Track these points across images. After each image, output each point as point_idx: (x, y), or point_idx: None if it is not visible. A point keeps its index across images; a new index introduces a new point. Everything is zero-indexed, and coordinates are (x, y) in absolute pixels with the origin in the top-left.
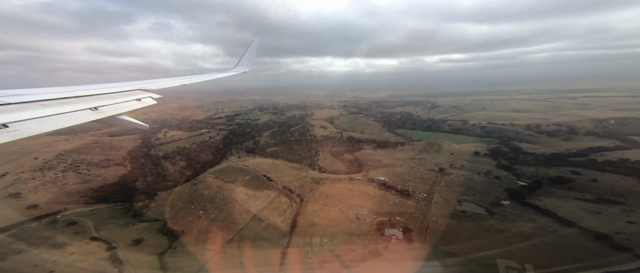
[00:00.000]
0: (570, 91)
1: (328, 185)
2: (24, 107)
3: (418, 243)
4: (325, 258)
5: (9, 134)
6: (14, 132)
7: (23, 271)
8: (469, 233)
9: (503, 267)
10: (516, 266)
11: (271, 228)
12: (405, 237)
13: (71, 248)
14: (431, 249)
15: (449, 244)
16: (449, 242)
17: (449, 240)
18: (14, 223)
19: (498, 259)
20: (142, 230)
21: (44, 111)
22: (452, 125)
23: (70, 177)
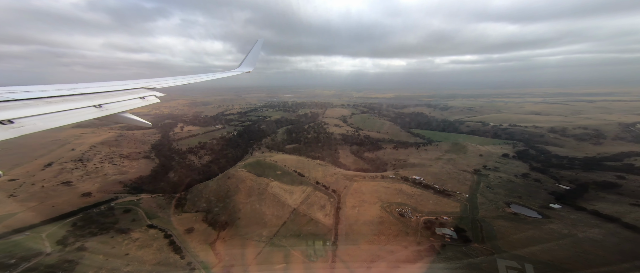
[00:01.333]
0: (583, 95)
1: (361, 182)
2: (30, 104)
3: (477, 244)
4: (378, 254)
5: (14, 130)
6: (19, 128)
7: (104, 251)
8: (530, 236)
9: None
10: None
11: (314, 223)
12: (460, 237)
13: (134, 234)
14: (493, 251)
15: (515, 247)
16: (514, 245)
17: (511, 242)
18: (78, 208)
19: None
20: (189, 220)
21: (49, 108)
22: (471, 127)
23: (108, 168)
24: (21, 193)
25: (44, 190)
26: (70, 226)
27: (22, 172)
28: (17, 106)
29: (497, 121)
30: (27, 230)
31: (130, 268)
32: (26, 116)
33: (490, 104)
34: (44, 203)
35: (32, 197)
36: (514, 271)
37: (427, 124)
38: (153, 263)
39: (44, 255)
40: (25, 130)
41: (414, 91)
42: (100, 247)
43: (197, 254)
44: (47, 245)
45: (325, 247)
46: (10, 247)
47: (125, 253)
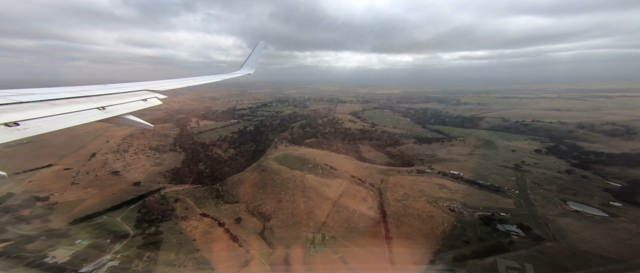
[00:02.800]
0: (599, 91)
1: (396, 177)
2: (35, 106)
3: (551, 243)
4: (438, 247)
5: (20, 132)
6: (25, 130)
7: (176, 235)
8: (605, 234)
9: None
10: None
11: (359, 215)
12: (528, 235)
13: (193, 221)
14: (573, 251)
15: (595, 247)
16: (592, 244)
17: (587, 241)
18: (138, 196)
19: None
20: (233, 210)
21: (53, 110)
22: (491, 122)
23: (144, 159)
24: (81, 181)
25: (98, 178)
26: (137, 212)
27: (71, 162)
28: (23, 108)
29: (515, 116)
30: (102, 214)
31: (201, 253)
32: (31, 118)
33: (503, 100)
34: (104, 190)
35: (91, 185)
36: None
37: (444, 120)
38: (217, 249)
39: (131, 237)
40: (30, 132)
41: (420, 87)
42: (172, 231)
43: (251, 243)
44: (128, 227)
45: (378, 239)
46: (97, 228)
47: (193, 239)
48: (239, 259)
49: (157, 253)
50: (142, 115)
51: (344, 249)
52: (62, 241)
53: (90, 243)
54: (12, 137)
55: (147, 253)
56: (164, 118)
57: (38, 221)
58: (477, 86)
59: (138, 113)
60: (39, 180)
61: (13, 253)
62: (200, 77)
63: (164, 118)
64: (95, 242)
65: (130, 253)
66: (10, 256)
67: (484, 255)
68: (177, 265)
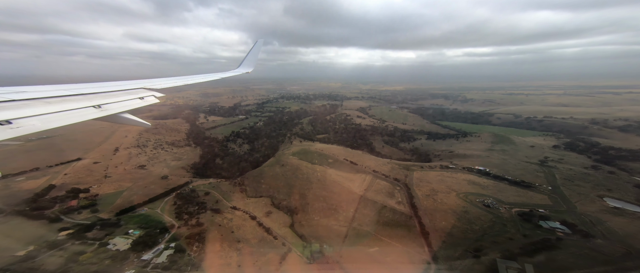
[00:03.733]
0: (604, 87)
1: (420, 172)
2: (28, 104)
3: (602, 241)
4: (481, 243)
5: (12, 131)
6: (17, 128)
7: (217, 227)
8: None
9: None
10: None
11: (389, 210)
12: (575, 232)
13: (226, 214)
14: (629, 249)
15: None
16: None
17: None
18: (169, 189)
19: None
20: (259, 204)
21: (47, 108)
22: (502, 118)
23: (164, 154)
24: (113, 175)
25: (127, 172)
26: (173, 205)
27: (98, 156)
28: (15, 106)
29: (526, 113)
30: (143, 206)
31: (243, 244)
32: (24, 117)
33: (510, 97)
34: (137, 183)
35: (123, 178)
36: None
37: (453, 116)
38: (256, 241)
39: (176, 228)
40: (23, 130)
41: (422, 84)
42: (211, 223)
43: (284, 236)
44: (170, 219)
45: (414, 234)
46: (142, 219)
47: (231, 231)
48: (279, 251)
49: (204, 244)
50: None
51: (379, 243)
52: (115, 230)
53: (141, 233)
54: (5, 136)
55: (196, 244)
56: (172, 114)
57: (87, 211)
58: (480, 82)
59: (135, 111)
60: (74, 173)
61: (78, 240)
62: (198, 75)
63: (172, 114)
64: (146, 232)
65: (181, 243)
66: (75, 243)
67: (533, 252)
68: (224, 256)
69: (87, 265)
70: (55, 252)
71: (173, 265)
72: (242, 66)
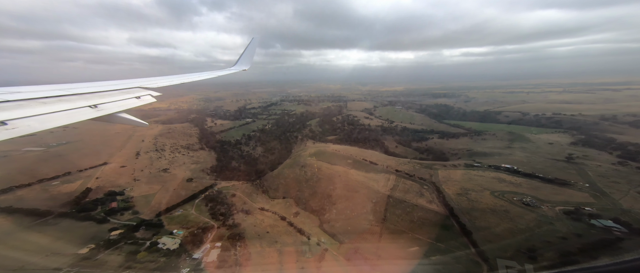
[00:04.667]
0: (601, 85)
1: (444, 171)
2: (23, 104)
3: None
4: (534, 243)
5: (7, 132)
6: (13, 129)
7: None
8: None
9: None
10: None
11: (421, 209)
12: (631, 230)
13: (257, 215)
14: None
15: None
16: None
17: None
18: (198, 191)
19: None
20: (285, 205)
21: (43, 109)
22: (510, 116)
23: (181, 157)
24: (141, 178)
25: (153, 175)
26: (204, 206)
27: (122, 160)
28: (9, 107)
29: (532, 110)
30: (177, 207)
31: (280, 245)
32: (19, 117)
33: (511, 95)
34: (165, 186)
35: (151, 181)
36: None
37: (460, 115)
38: (291, 241)
39: (216, 228)
40: (18, 131)
41: (421, 84)
42: (246, 224)
43: (316, 235)
44: (207, 219)
45: (454, 233)
46: (181, 220)
47: (265, 231)
48: (314, 251)
49: (246, 243)
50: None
51: (418, 242)
52: (160, 230)
53: (185, 233)
54: (0, 137)
55: (237, 243)
56: (179, 118)
57: (128, 212)
58: (477, 82)
59: (132, 110)
60: (104, 177)
61: (128, 240)
62: (193, 73)
63: (179, 118)
64: (189, 232)
65: (224, 243)
66: (128, 242)
67: (595, 253)
68: (267, 256)
69: (146, 263)
70: (112, 250)
71: (224, 263)
72: (238, 64)
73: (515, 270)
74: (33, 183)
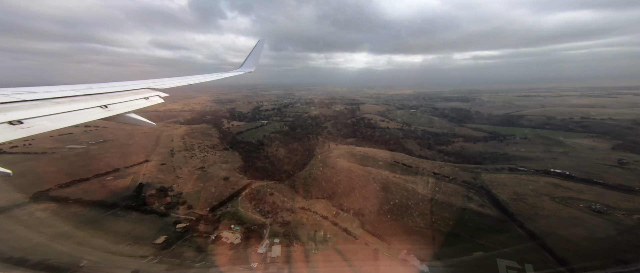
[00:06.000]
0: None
1: (488, 174)
2: (38, 104)
3: None
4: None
5: (23, 131)
6: (28, 128)
7: (302, 223)
8: None
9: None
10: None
11: (473, 213)
12: None
13: (301, 214)
14: None
15: None
16: None
17: None
18: (238, 189)
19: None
20: (322, 205)
21: (56, 109)
22: (534, 120)
23: (211, 157)
24: (182, 175)
25: (191, 173)
26: (248, 203)
27: (160, 158)
28: (26, 106)
29: (557, 114)
30: (225, 204)
31: (333, 244)
32: (35, 117)
33: (527, 99)
34: (207, 183)
35: (191, 179)
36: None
37: (480, 119)
38: (340, 240)
39: (268, 225)
40: (33, 130)
41: (429, 87)
42: (295, 222)
43: (362, 236)
44: (256, 216)
45: (517, 238)
46: (233, 216)
47: (314, 230)
48: (367, 251)
49: (301, 240)
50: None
51: (480, 247)
52: (218, 225)
53: (242, 228)
54: (17, 135)
55: (294, 240)
56: (196, 120)
57: (183, 207)
58: (486, 85)
59: (140, 111)
60: (150, 173)
61: (194, 233)
62: (201, 75)
63: (196, 120)
64: (245, 227)
65: (282, 240)
66: (194, 235)
67: None
68: (324, 253)
69: (217, 256)
70: (182, 242)
71: (288, 259)
72: (244, 66)
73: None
74: (90, 177)
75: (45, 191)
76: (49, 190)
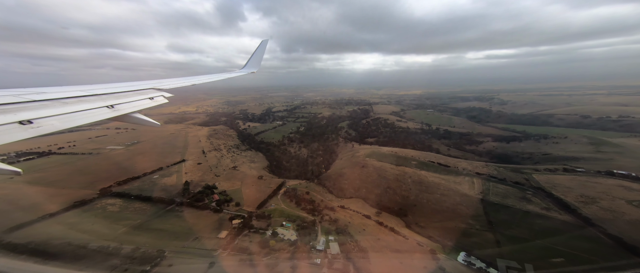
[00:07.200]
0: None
1: (541, 176)
2: (47, 104)
3: None
4: None
5: (33, 130)
6: (38, 128)
7: (349, 221)
8: None
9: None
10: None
11: (537, 216)
12: None
13: (341, 212)
14: None
15: None
16: None
17: None
18: (275, 188)
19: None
20: (359, 204)
21: (65, 109)
22: (565, 119)
23: (238, 157)
24: (220, 174)
25: (227, 172)
26: (289, 201)
27: (195, 158)
28: (36, 107)
29: (583, 112)
30: (268, 202)
31: (383, 243)
32: (44, 117)
33: (550, 98)
34: (244, 182)
35: (230, 177)
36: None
37: (504, 118)
38: (392, 239)
39: (318, 222)
40: (43, 130)
41: (440, 87)
42: (342, 220)
43: (411, 236)
44: (302, 213)
45: (604, 245)
46: (280, 213)
47: (362, 228)
48: (422, 251)
49: (354, 238)
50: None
51: (562, 254)
52: (270, 221)
53: (293, 225)
54: (27, 135)
55: (348, 238)
56: (211, 121)
57: (232, 204)
58: (500, 85)
59: (145, 111)
60: (191, 172)
61: (250, 229)
62: (204, 76)
63: (211, 121)
64: (296, 224)
65: (336, 237)
66: (250, 230)
67: None
68: (377, 250)
69: (280, 251)
70: (242, 237)
71: (348, 255)
72: (247, 66)
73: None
74: (140, 175)
75: (107, 187)
76: (111, 187)
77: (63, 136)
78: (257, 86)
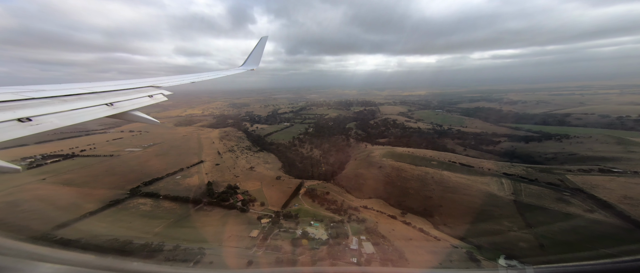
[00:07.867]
0: None
1: (577, 176)
2: (46, 102)
3: None
4: None
5: (32, 128)
6: (37, 125)
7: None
8: None
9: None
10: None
11: (581, 218)
12: None
13: (365, 212)
14: None
15: None
16: None
17: None
18: (294, 188)
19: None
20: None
21: (64, 106)
22: (583, 119)
23: (253, 158)
24: (239, 175)
25: (245, 172)
26: (311, 201)
27: (212, 159)
28: (34, 104)
29: (599, 111)
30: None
31: (415, 243)
32: (43, 114)
33: (561, 97)
34: (263, 182)
35: (249, 178)
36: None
37: (517, 118)
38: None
39: (346, 222)
40: (42, 127)
41: (444, 88)
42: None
43: (441, 237)
44: (328, 213)
45: None
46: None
47: (391, 228)
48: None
49: (386, 238)
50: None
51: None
52: (298, 220)
53: (320, 225)
54: (26, 132)
55: (379, 238)
56: (220, 123)
57: (257, 204)
58: (505, 85)
59: (144, 109)
60: (211, 173)
61: (280, 228)
62: (203, 73)
63: (220, 123)
64: (324, 224)
65: (368, 236)
66: (281, 230)
67: None
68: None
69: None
70: (274, 236)
71: (384, 255)
72: (246, 64)
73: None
74: (164, 176)
75: (136, 187)
76: (139, 187)
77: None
78: (259, 88)
